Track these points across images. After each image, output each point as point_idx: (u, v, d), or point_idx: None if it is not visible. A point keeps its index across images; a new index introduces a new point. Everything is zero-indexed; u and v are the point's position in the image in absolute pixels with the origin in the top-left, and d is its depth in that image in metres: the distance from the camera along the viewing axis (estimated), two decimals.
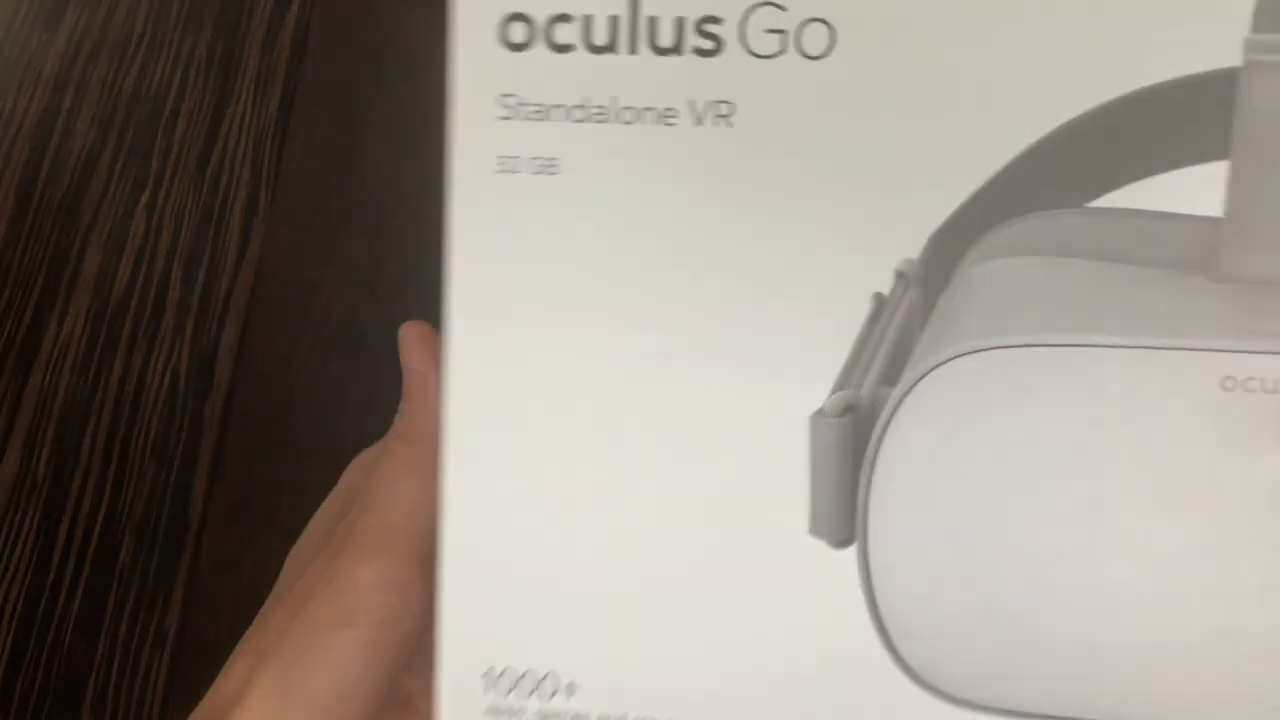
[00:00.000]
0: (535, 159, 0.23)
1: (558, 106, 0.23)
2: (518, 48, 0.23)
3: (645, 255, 0.23)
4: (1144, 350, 0.22)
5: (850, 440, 0.23)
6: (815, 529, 0.23)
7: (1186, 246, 0.22)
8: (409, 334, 0.26)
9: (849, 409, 0.23)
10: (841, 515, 0.23)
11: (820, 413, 0.23)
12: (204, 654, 0.58)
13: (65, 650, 0.58)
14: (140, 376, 0.65)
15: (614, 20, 0.23)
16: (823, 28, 0.23)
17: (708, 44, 0.23)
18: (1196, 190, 0.22)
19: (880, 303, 0.23)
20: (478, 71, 0.23)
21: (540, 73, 0.23)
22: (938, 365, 0.22)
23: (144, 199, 0.71)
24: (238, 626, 0.26)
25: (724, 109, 0.23)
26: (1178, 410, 0.22)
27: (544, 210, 0.24)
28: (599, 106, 0.23)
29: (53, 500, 0.62)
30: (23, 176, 0.73)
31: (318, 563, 0.25)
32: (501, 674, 0.24)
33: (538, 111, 0.23)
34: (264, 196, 0.70)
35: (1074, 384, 0.22)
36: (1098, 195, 0.23)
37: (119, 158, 0.73)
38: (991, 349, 0.22)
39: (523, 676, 0.24)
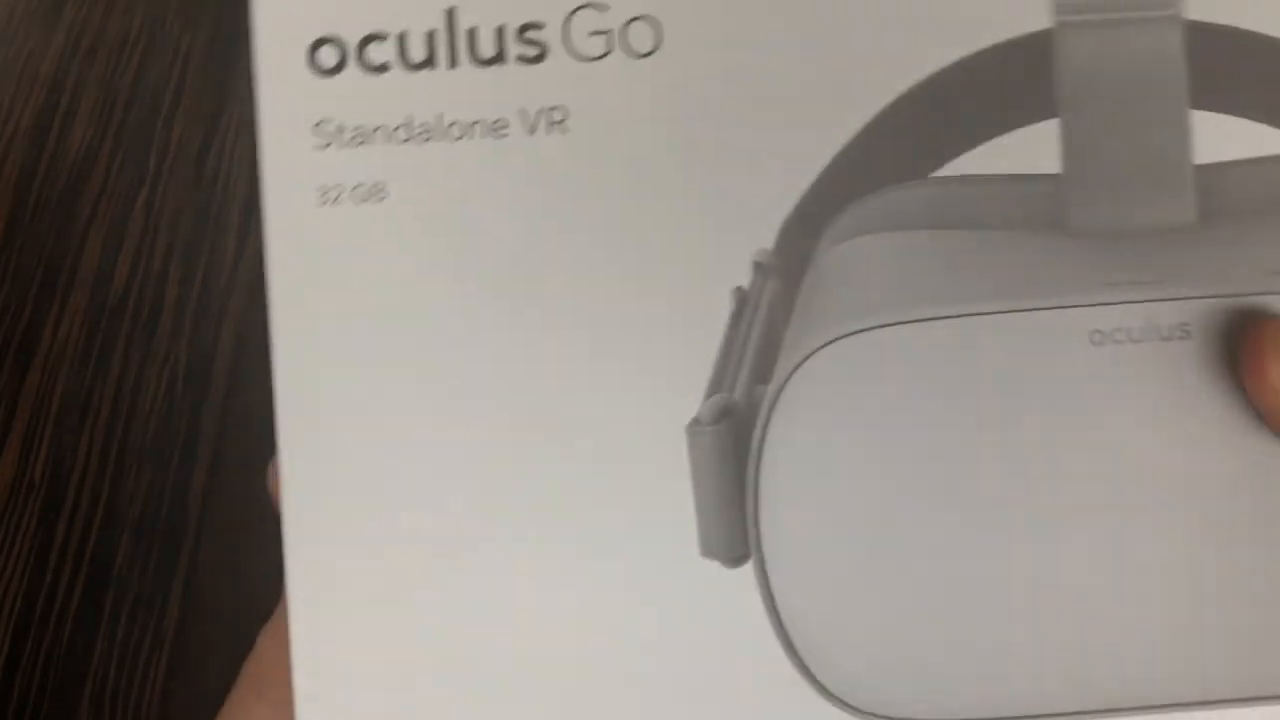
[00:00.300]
0: (359, 186, 0.22)
1: (379, 129, 0.22)
2: (329, 72, 0.22)
3: (487, 275, 0.22)
4: (1013, 314, 0.21)
5: (731, 447, 0.22)
6: (707, 549, 0.22)
7: (1034, 206, 0.22)
8: (271, 470, 0.24)
9: (725, 413, 0.22)
10: (733, 529, 0.22)
11: (695, 422, 0.22)
12: (202, 655, 0.58)
13: (63, 650, 0.58)
14: (138, 376, 0.65)
15: (430, 35, 0.22)
16: (647, 26, 0.22)
17: (532, 51, 0.22)
18: (1039, 149, 0.22)
19: (742, 297, 0.22)
20: (288, 101, 0.22)
21: (356, 95, 0.22)
22: (809, 355, 0.21)
23: (142, 197, 0.70)
24: (235, 627, 0.26)
25: (556, 115, 0.22)
26: (1052, 370, 0.21)
27: (373, 238, 0.22)
28: (424, 124, 0.22)
29: (50, 500, 0.61)
30: (20, 175, 0.73)
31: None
32: None
33: (357, 136, 0.22)
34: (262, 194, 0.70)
35: (948, 356, 0.21)
36: (939, 165, 0.22)
37: (116, 156, 0.72)
38: (860, 332, 0.21)
39: None
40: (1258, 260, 0.22)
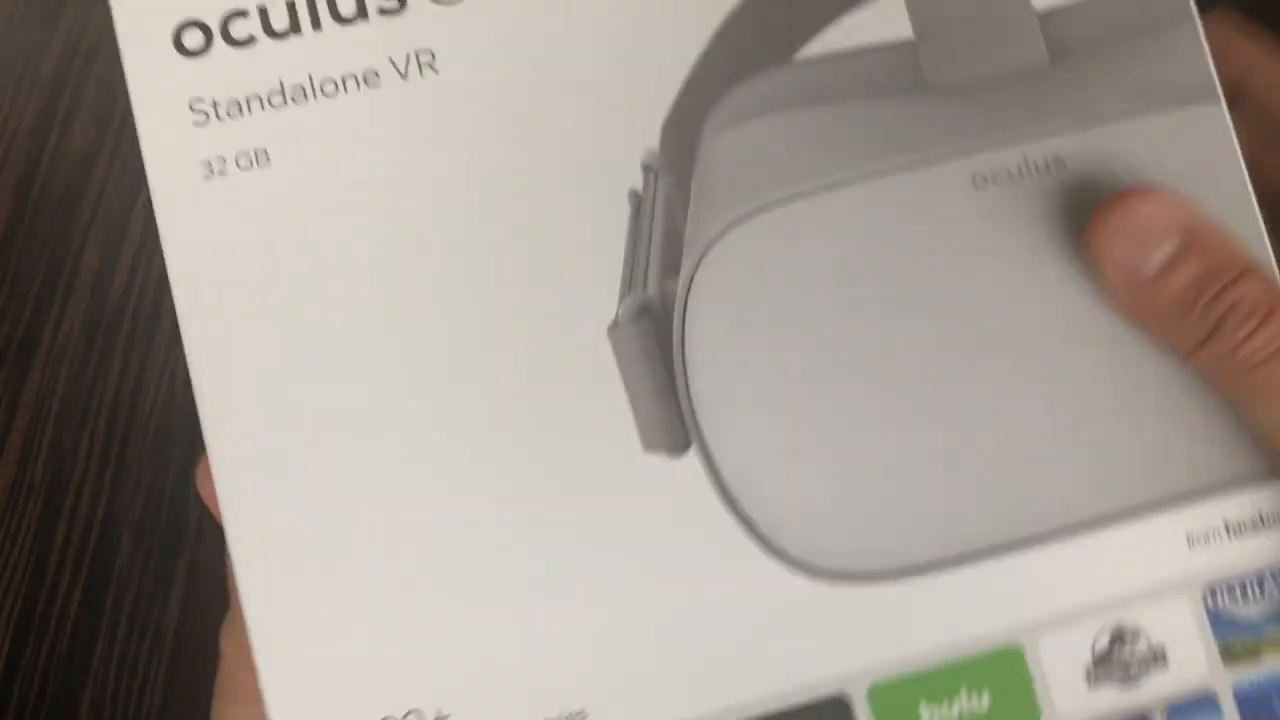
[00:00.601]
0: (242, 154, 0.22)
1: (253, 98, 0.23)
2: (196, 53, 0.23)
3: (383, 218, 0.22)
4: (898, 173, 0.22)
5: (654, 342, 0.22)
6: (649, 444, 0.22)
7: (895, 71, 0.23)
8: (202, 471, 0.23)
9: (643, 311, 0.22)
10: (670, 421, 0.22)
11: (615, 324, 0.22)
12: (202, 655, 0.58)
13: (64, 651, 0.58)
14: (138, 377, 0.65)
15: (291, 4, 0.23)
16: None
17: (391, 3, 0.23)
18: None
19: (637, 199, 0.23)
20: (160, 85, 0.22)
21: (226, 70, 0.22)
22: (713, 241, 0.22)
23: (142, 198, 0.70)
24: None
25: (425, 57, 0.23)
26: (942, 218, 0.22)
27: (264, 203, 0.22)
28: (297, 86, 0.23)
29: (51, 501, 0.61)
30: (20, 176, 0.73)
31: None
32: None
33: (233, 108, 0.22)
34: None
35: (842, 222, 0.22)
36: (799, 47, 0.23)
37: (117, 157, 0.72)
38: (757, 212, 0.22)
39: None
40: (1115, 86, 0.23)
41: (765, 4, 0.23)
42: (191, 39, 0.23)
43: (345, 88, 0.23)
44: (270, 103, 0.22)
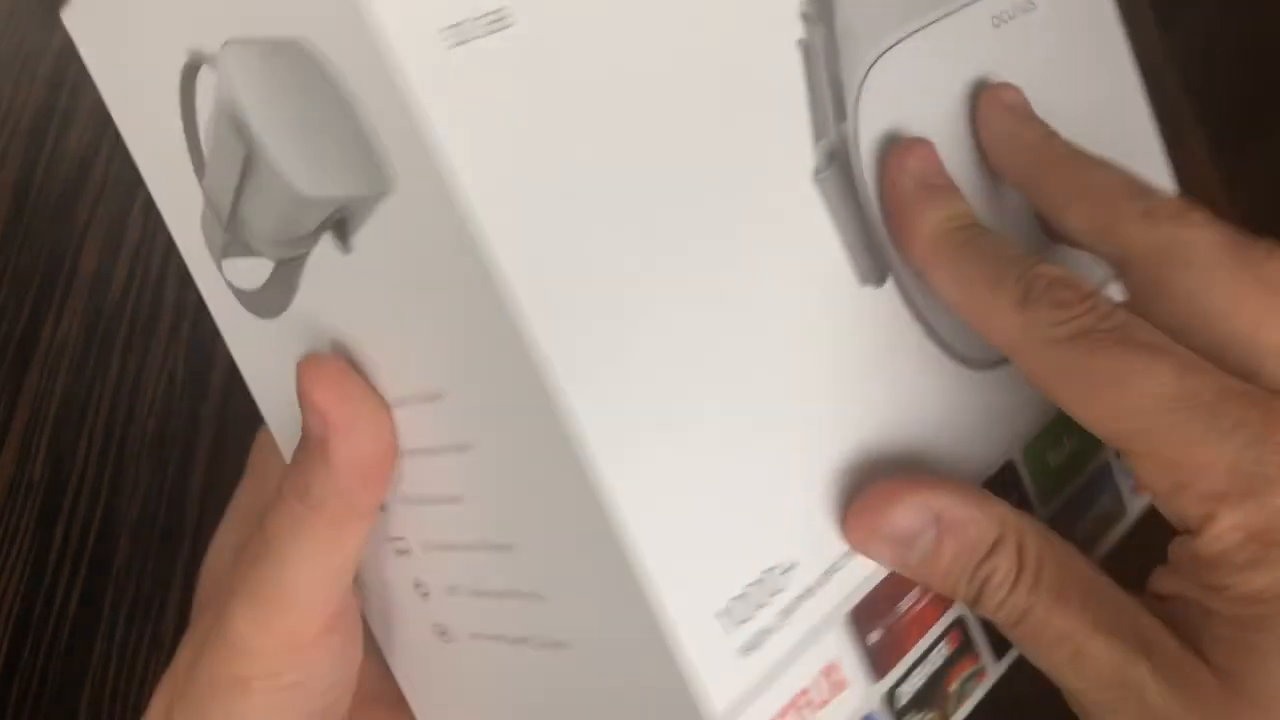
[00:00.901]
0: (481, 17, 0.19)
1: None
2: None
3: (652, 71, 0.21)
4: (955, 13, 0.27)
5: (848, 181, 0.24)
6: (865, 277, 0.24)
7: None
8: (314, 370, 0.22)
9: (832, 156, 0.24)
10: (878, 253, 0.24)
11: (815, 170, 0.24)
12: None
13: (63, 651, 0.58)
14: (136, 378, 0.65)
15: None
16: None
17: None
18: None
19: (805, 48, 0.24)
20: None
21: None
22: (860, 88, 0.25)
23: (140, 198, 0.70)
24: None
25: None
26: (981, 44, 0.28)
27: (523, 72, 0.20)
28: None
29: (49, 502, 0.61)
30: (18, 176, 0.73)
31: (216, 603, 0.23)
32: (729, 609, 0.21)
33: None
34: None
35: (932, 51, 0.26)
36: None
37: (115, 157, 0.72)
38: (881, 55, 0.25)
39: (745, 595, 0.22)
40: None
41: None
42: None
43: None
44: None
